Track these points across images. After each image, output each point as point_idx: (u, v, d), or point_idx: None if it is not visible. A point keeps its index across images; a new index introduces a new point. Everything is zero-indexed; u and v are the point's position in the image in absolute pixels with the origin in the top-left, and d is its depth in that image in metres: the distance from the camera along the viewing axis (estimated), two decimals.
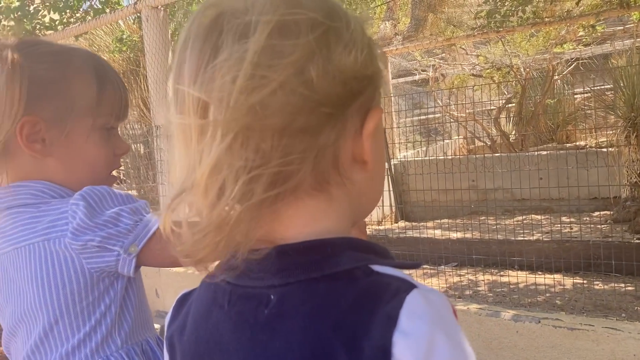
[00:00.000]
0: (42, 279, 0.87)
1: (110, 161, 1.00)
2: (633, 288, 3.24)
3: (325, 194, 0.52)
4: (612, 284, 3.30)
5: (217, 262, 0.55)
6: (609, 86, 5.54)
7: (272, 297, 0.51)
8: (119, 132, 1.06)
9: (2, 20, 5.04)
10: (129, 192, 1.11)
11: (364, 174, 0.53)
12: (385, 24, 8.96)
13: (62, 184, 0.93)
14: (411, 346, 0.45)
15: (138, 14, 3.25)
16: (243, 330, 0.52)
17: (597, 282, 3.54)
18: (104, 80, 0.97)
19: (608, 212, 5.08)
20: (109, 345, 0.92)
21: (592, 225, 4.63)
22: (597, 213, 5.22)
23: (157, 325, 1.93)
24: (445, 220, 5.30)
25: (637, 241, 3.79)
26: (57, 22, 5.25)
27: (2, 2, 5.06)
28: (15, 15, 4.98)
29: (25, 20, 5.02)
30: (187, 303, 0.61)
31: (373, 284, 0.49)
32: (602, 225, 4.67)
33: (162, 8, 3.08)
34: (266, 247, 0.52)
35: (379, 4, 7.79)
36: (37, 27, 5.15)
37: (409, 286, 0.48)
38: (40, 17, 5.18)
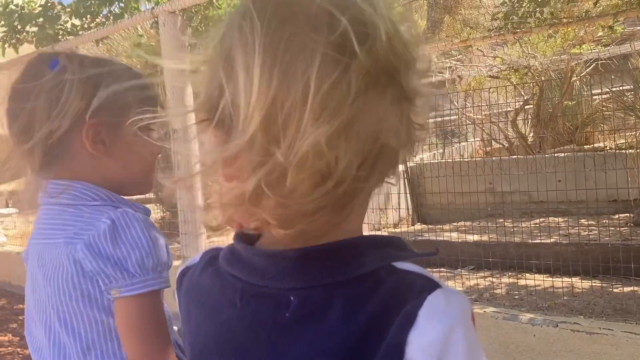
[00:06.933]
0: (56, 279, 0.90)
1: (155, 160, 1.02)
2: None
3: None
4: (632, 288, 3.25)
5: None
6: (628, 87, 5.45)
7: (292, 299, 0.50)
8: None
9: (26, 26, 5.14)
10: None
11: None
12: None
13: (117, 180, 0.96)
14: (425, 346, 0.45)
15: (155, 19, 3.29)
16: (260, 332, 0.51)
17: (617, 286, 3.48)
18: (147, 84, 1.00)
19: (628, 215, 5.00)
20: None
21: (611, 228, 4.55)
22: (616, 216, 5.14)
23: None
24: (462, 223, 5.26)
25: None
26: (78, 28, 5.33)
27: (25, 8, 5.16)
28: (38, 21, 5.08)
29: (47, 25, 5.10)
30: (183, 284, 0.63)
31: (397, 285, 0.49)
32: (622, 228, 4.59)
33: (179, 13, 3.11)
34: (284, 247, 0.51)
35: (396, 7, 7.76)
36: (60, 33, 5.23)
37: (433, 286, 0.49)
38: (62, 23, 5.27)
